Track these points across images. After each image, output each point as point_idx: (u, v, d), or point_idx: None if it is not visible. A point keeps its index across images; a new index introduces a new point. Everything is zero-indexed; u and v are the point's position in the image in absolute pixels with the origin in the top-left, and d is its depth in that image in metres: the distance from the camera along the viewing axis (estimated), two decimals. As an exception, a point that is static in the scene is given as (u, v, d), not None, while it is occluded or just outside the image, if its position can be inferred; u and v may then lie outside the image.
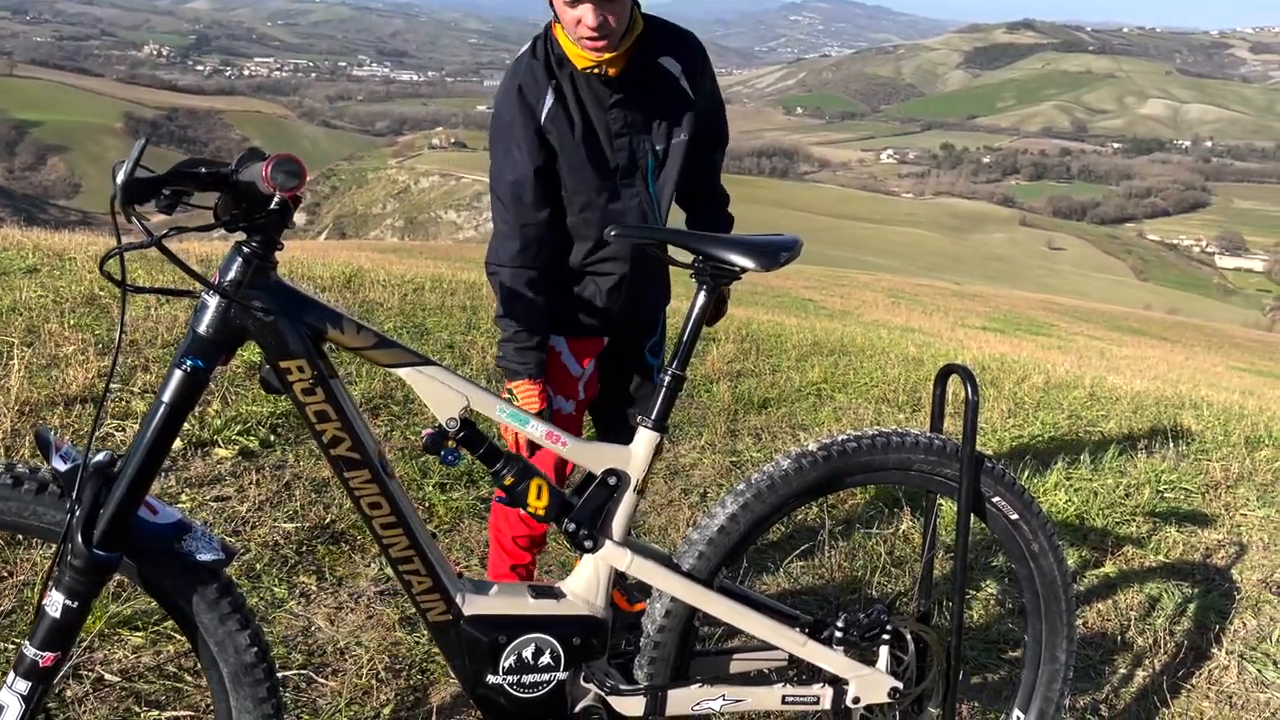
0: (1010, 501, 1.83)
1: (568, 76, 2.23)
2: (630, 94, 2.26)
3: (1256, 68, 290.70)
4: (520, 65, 2.28)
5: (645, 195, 2.34)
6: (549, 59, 2.25)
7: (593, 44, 2.12)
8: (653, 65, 2.28)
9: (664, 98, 2.30)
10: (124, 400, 3.68)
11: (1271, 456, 4.72)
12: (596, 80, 2.23)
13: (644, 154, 2.32)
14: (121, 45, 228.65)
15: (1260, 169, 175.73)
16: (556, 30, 2.23)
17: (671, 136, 2.33)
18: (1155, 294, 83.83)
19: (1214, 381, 10.99)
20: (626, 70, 2.23)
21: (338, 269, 7.09)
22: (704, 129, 2.43)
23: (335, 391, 1.56)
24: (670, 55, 2.31)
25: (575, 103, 2.24)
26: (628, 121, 2.28)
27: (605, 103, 2.25)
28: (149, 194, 1.36)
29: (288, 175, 1.37)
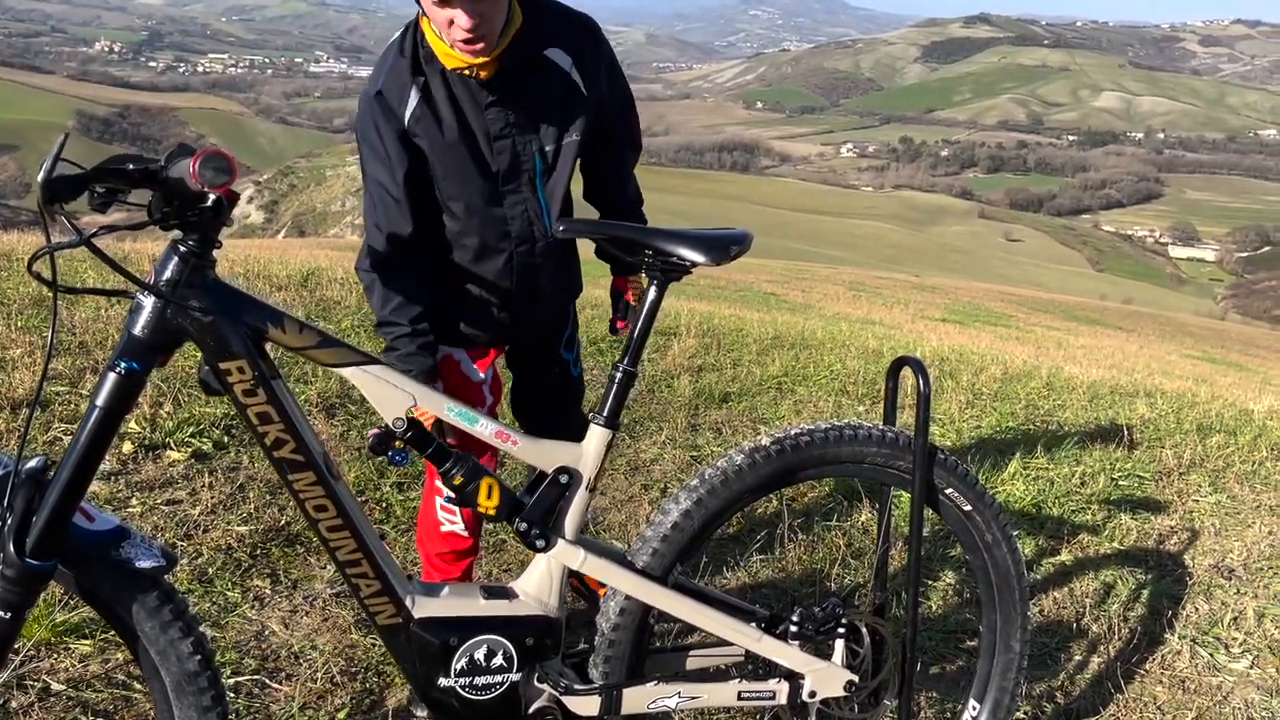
0: (963, 493, 1.84)
1: (437, 74, 2.03)
2: (510, 91, 2.05)
3: (1206, 61, 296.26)
4: (385, 61, 2.09)
5: (533, 200, 2.15)
6: (416, 55, 2.04)
7: (468, 47, 1.92)
8: (537, 58, 2.07)
9: (551, 94, 2.09)
10: (72, 404, 3.60)
11: (1222, 443, 4.80)
12: (473, 80, 2.03)
13: (529, 156, 2.11)
14: (72, 42, 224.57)
15: (1211, 160, 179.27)
16: (424, 24, 2.02)
17: (562, 137, 2.13)
18: (1111, 284, 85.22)
19: (1168, 370, 11.17)
20: (504, 68, 2.02)
21: (295, 268, 7.00)
22: (605, 127, 2.24)
23: (278, 393, 1.53)
24: (559, 46, 2.09)
25: (448, 102, 2.04)
26: (509, 122, 2.07)
27: (481, 103, 2.05)
28: (75, 192, 1.32)
29: (216, 171, 1.33)
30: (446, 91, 2.03)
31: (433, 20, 1.93)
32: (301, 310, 5.50)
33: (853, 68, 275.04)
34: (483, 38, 1.91)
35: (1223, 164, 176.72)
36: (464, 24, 1.87)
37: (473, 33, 1.88)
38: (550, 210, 2.17)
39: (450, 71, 2.02)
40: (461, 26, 1.87)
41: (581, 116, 2.13)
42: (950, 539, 3.40)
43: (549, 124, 2.11)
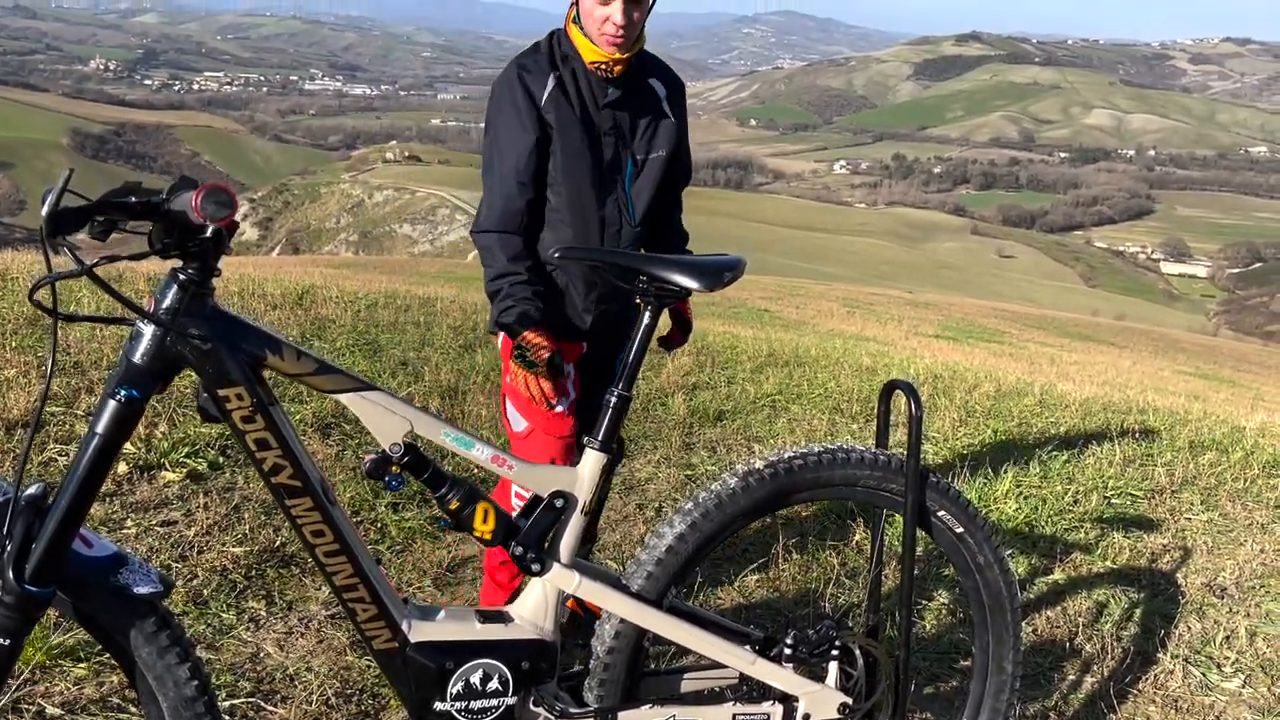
0: (955, 515, 1.85)
1: (570, 70, 2.44)
2: (622, 99, 2.47)
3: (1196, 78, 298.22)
4: (524, 55, 2.51)
5: (622, 195, 2.51)
6: (553, 53, 2.47)
7: (614, 39, 2.34)
8: (643, 84, 2.53)
9: (649, 113, 2.53)
10: (67, 424, 3.61)
11: (1214, 460, 4.82)
12: (596, 78, 2.44)
13: (625, 158, 2.51)
14: (67, 60, 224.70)
15: (1202, 177, 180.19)
16: (571, 30, 2.45)
17: (651, 150, 2.54)
18: (1103, 300, 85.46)
19: (1161, 386, 11.20)
20: (625, 76, 2.45)
21: (289, 286, 7.02)
22: (677, 155, 2.63)
23: (275, 419, 1.54)
24: (658, 79, 2.57)
25: (575, 93, 2.44)
26: (615, 123, 2.48)
27: (600, 101, 2.45)
28: (78, 224, 1.33)
29: (218, 205, 1.35)
30: (576, 86, 2.44)
31: (590, 16, 2.36)
32: (297, 329, 5.52)
33: (846, 85, 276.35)
34: (625, 37, 2.35)
35: (1213, 181, 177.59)
36: (618, 19, 2.32)
37: (623, 31, 2.33)
38: (635, 207, 2.54)
39: (583, 67, 2.44)
40: (615, 22, 2.32)
41: (667, 139, 2.56)
42: (944, 559, 3.41)
43: (642, 137, 2.53)
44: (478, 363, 5.25)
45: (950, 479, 4.33)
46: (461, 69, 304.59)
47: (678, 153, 2.63)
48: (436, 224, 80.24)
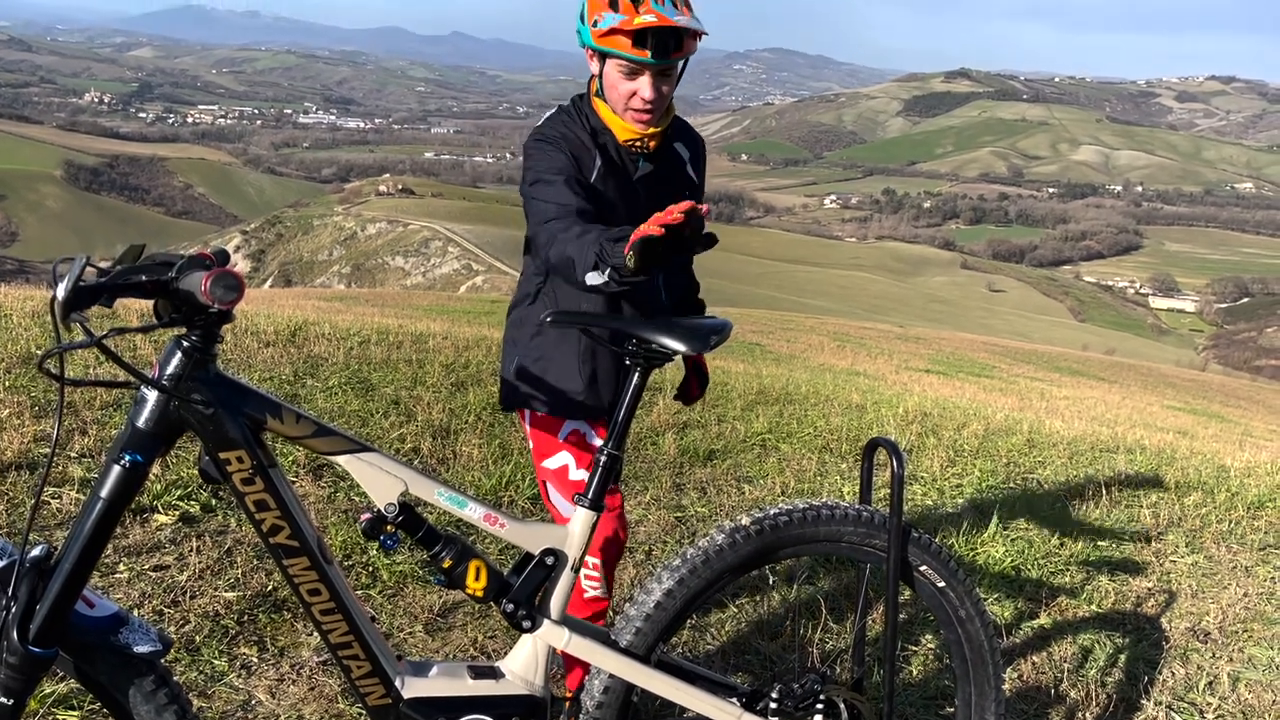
0: (937, 570, 1.89)
1: (602, 146, 2.32)
2: (655, 170, 2.40)
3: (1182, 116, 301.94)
4: (562, 124, 2.33)
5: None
6: (586, 124, 2.34)
7: (641, 116, 2.24)
8: (670, 150, 2.45)
9: (677, 180, 2.45)
10: (60, 466, 3.62)
11: (1199, 502, 4.87)
12: (628, 153, 2.34)
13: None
14: (62, 93, 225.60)
15: (1189, 213, 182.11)
16: (598, 105, 2.33)
17: None
18: (1093, 334, 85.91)
19: (1150, 421, 11.27)
20: (661, 145, 2.38)
21: (282, 322, 7.03)
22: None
23: (274, 480, 1.58)
24: (681, 141, 2.48)
25: (612, 172, 2.34)
26: (649, 193, 2.37)
27: (633, 175, 2.37)
28: (89, 302, 1.38)
29: (226, 290, 1.39)
30: (610, 163, 2.34)
31: (614, 92, 2.24)
32: (290, 367, 5.55)
33: (836, 121, 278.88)
34: (654, 111, 2.25)
35: (1200, 216, 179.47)
36: (647, 95, 2.20)
37: (651, 104, 2.21)
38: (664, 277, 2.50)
39: (618, 144, 2.32)
40: (643, 97, 2.21)
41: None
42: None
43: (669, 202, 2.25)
44: (470, 401, 5.28)
45: (938, 521, 4.37)
46: (455, 103, 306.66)
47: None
48: (429, 256, 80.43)
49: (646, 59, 2.14)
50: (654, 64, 2.16)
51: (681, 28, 2.13)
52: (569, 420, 2.43)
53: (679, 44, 2.17)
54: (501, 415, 5.07)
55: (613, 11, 2.14)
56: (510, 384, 2.48)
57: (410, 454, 4.41)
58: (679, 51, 2.18)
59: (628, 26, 2.11)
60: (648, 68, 2.17)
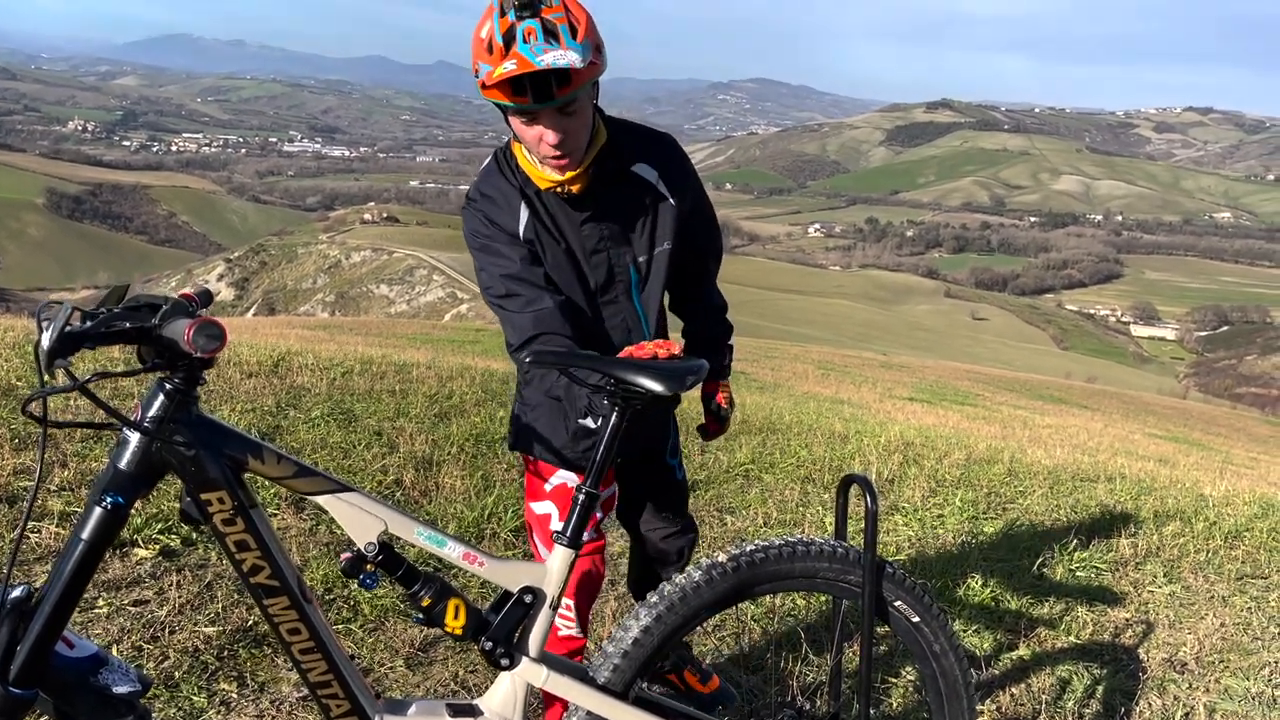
0: (911, 605, 1.92)
1: (534, 194, 2.16)
2: (602, 207, 2.18)
3: (1161, 146, 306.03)
4: (488, 181, 2.21)
5: (629, 309, 2.28)
6: (512, 176, 2.18)
7: (556, 162, 2.05)
8: (625, 174, 2.20)
9: (641, 207, 2.22)
10: (41, 500, 3.61)
11: (1177, 531, 4.91)
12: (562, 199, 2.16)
13: (623, 268, 2.23)
14: (45, 121, 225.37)
15: (1168, 241, 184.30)
16: (517, 152, 2.17)
17: (654, 246, 2.25)
18: (1075, 362, 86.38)
19: (1132, 449, 11.33)
20: (594, 184, 2.15)
21: (265, 353, 7.02)
22: (691, 236, 2.35)
23: (255, 520, 1.60)
24: (645, 162, 2.23)
25: (548, 218, 2.17)
26: (603, 236, 2.19)
27: (576, 220, 2.18)
28: (73, 350, 1.39)
29: (209, 339, 1.42)
30: (546, 209, 2.17)
31: (523, 139, 2.07)
32: (272, 398, 5.54)
33: (819, 150, 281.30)
34: (568, 153, 2.04)
35: (1180, 245, 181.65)
36: (550, 139, 2.00)
37: (559, 147, 2.02)
38: (647, 318, 2.30)
39: (545, 192, 2.14)
40: (548, 142, 2.00)
41: (671, 226, 2.26)
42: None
43: (641, 235, 2.24)
44: (453, 433, 5.29)
45: (919, 552, 4.39)
46: (440, 132, 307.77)
47: (689, 231, 2.33)
48: (414, 284, 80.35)
49: (528, 105, 1.94)
50: (540, 108, 1.95)
51: (549, 71, 1.88)
52: (560, 470, 2.33)
53: (563, 78, 1.91)
54: (484, 447, 5.08)
55: (487, 56, 1.91)
56: (514, 425, 2.43)
57: (392, 486, 4.42)
58: (568, 86, 1.93)
59: (492, 80, 1.91)
60: (540, 111, 1.96)
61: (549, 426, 2.31)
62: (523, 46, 1.86)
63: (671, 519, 2.67)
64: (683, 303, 2.54)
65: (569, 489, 2.30)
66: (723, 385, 2.61)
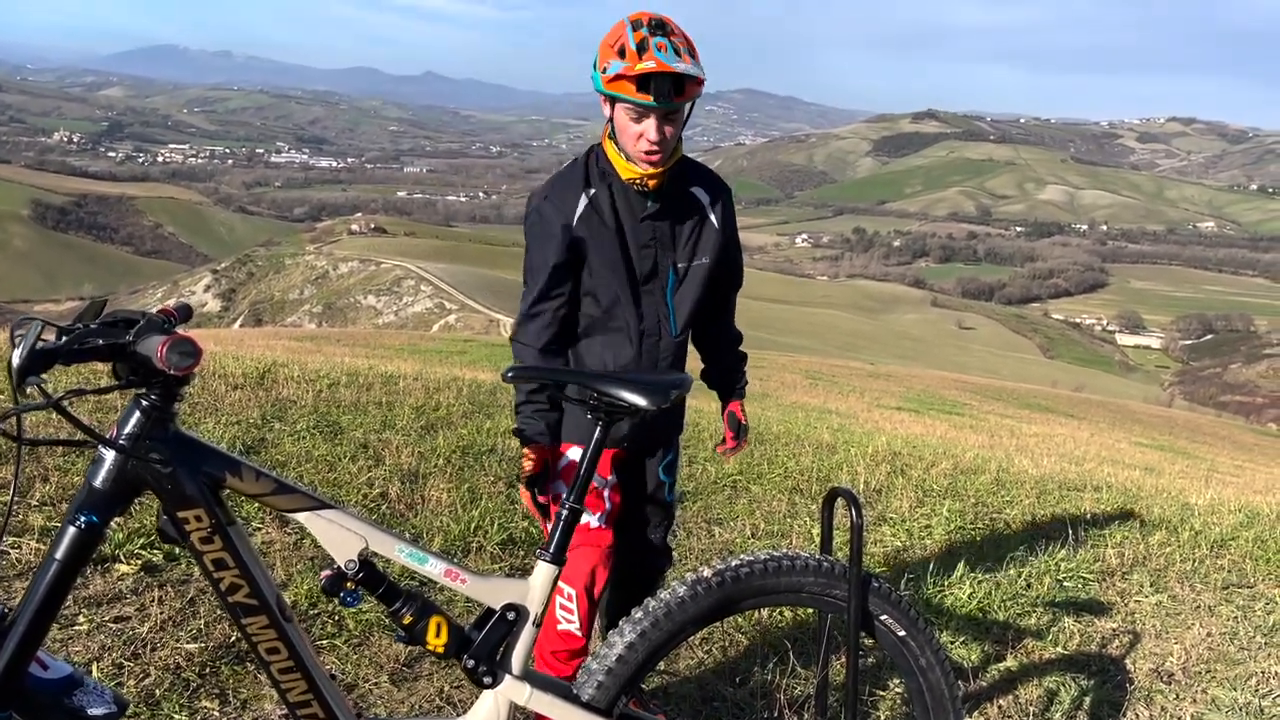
0: (898, 619, 1.91)
1: (605, 186, 2.51)
2: (662, 211, 2.54)
3: (1145, 156, 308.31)
4: (563, 175, 2.59)
5: (662, 305, 2.59)
6: (588, 171, 2.54)
7: (649, 157, 2.40)
8: (686, 192, 2.59)
9: (691, 221, 2.59)
10: (21, 515, 3.57)
11: (1164, 540, 4.92)
12: (635, 193, 2.50)
13: (666, 268, 2.57)
14: (30, 132, 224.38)
15: (1153, 251, 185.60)
16: (607, 146, 2.52)
17: (694, 258, 2.60)
18: (1061, 371, 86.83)
19: (1118, 458, 11.38)
20: (663, 189, 2.51)
21: (251, 364, 6.99)
22: (723, 261, 2.68)
23: (233, 538, 1.57)
24: (701, 186, 2.63)
25: (611, 210, 2.51)
26: (655, 235, 2.54)
27: (639, 215, 2.52)
28: (45, 367, 1.37)
29: (182, 355, 1.40)
30: (611, 202, 2.51)
31: (625, 133, 2.41)
32: (258, 410, 5.51)
33: (806, 161, 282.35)
34: (660, 152, 2.40)
35: (1164, 255, 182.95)
36: (652, 136, 2.36)
37: (657, 145, 2.38)
38: (677, 316, 2.61)
39: (620, 183, 2.50)
40: (649, 138, 2.37)
41: (711, 246, 2.62)
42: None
43: (685, 244, 2.59)
44: (439, 445, 5.26)
45: (906, 562, 4.39)
46: (428, 142, 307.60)
47: (724, 258, 2.68)
48: (401, 295, 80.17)
49: (649, 102, 2.31)
50: (657, 107, 2.32)
51: (681, 73, 2.29)
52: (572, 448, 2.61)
53: (680, 89, 2.32)
54: (471, 459, 5.06)
55: (620, 59, 2.30)
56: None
57: (378, 499, 4.39)
58: (681, 96, 2.33)
59: (630, 72, 2.28)
60: (652, 111, 2.33)
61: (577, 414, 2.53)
62: (659, 53, 2.27)
63: (650, 531, 2.85)
64: (706, 331, 2.83)
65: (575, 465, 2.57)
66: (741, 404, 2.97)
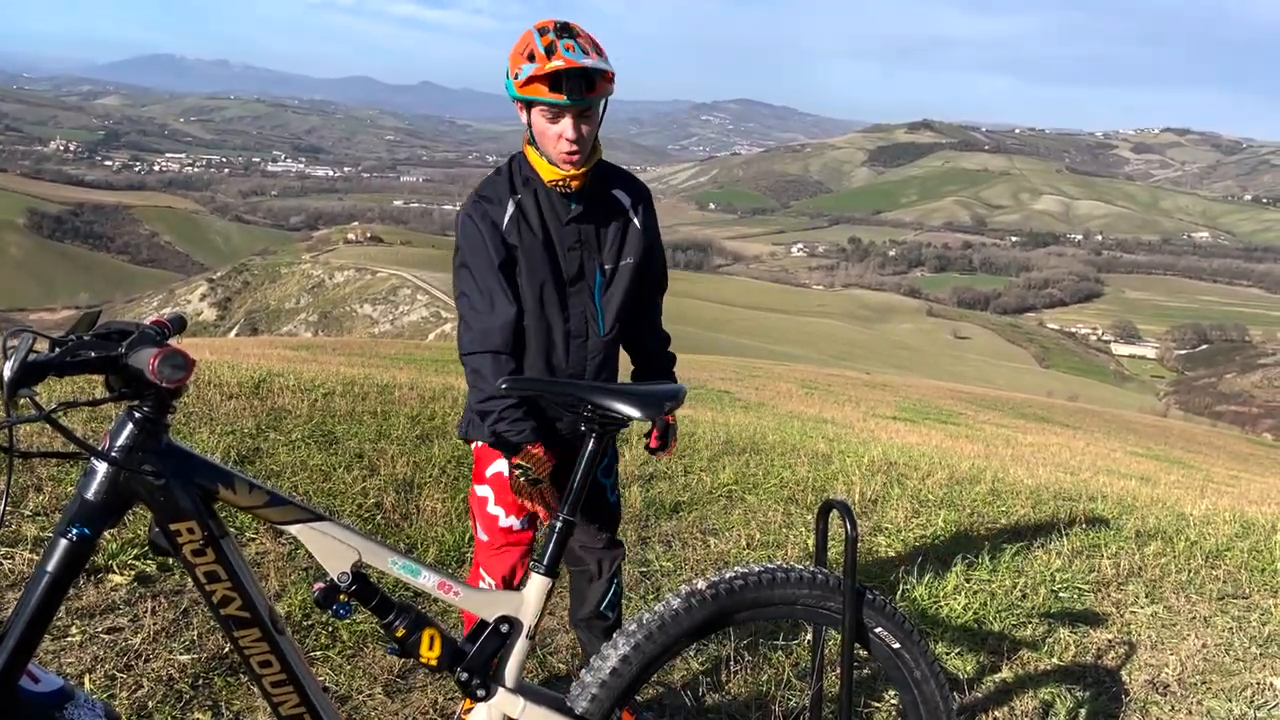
0: (892, 631, 1.91)
1: (531, 192, 2.57)
2: (587, 214, 2.60)
3: (1139, 167, 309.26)
4: (489, 183, 2.63)
5: (590, 306, 2.64)
6: (512, 178, 2.60)
7: (569, 157, 2.46)
8: (608, 195, 2.66)
9: (615, 223, 2.66)
10: (14, 525, 3.56)
11: (1159, 551, 4.92)
12: (558, 196, 2.56)
13: (593, 269, 2.63)
14: (26, 140, 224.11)
15: (1148, 261, 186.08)
16: (528, 152, 2.58)
17: (620, 259, 2.66)
18: (1057, 380, 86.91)
19: (1113, 468, 11.38)
20: (585, 191, 2.58)
21: (246, 374, 6.97)
22: (648, 262, 2.74)
23: (226, 551, 1.57)
24: (622, 189, 2.69)
25: (536, 214, 2.56)
26: (581, 238, 2.60)
27: (564, 218, 2.58)
28: (36, 380, 1.37)
29: (174, 369, 1.40)
30: (537, 207, 2.57)
31: (544, 135, 2.47)
32: (253, 420, 5.50)
33: (802, 171, 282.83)
34: (579, 151, 2.46)
35: (1159, 265, 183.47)
36: (570, 134, 2.42)
37: (575, 143, 2.43)
38: (605, 317, 2.66)
39: (544, 188, 2.56)
40: (567, 137, 2.43)
41: (636, 248, 2.68)
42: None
43: (611, 246, 2.66)
44: (434, 455, 5.26)
45: (902, 573, 4.38)
46: (425, 152, 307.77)
47: (649, 259, 2.74)
48: (397, 304, 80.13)
49: (563, 101, 2.37)
50: (571, 105, 2.38)
51: (589, 68, 2.36)
52: (500, 460, 2.65)
53: (590, 85, 2.39)
54: (466, 469, 5.05)
55: (530, 63, 2.37)
56: (466, 414, 2.71)
57: (373, 509, 4.38)
58: (592, 92, 2.40)
59: (541, 72, 2.34)
60: (567, 110, 2.40)
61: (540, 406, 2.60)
62: (567, 53, 2.34)
63: (597, 535, 2.90)
64: (636, 331, 2.84)
65: (504, 479, 2.63)
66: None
